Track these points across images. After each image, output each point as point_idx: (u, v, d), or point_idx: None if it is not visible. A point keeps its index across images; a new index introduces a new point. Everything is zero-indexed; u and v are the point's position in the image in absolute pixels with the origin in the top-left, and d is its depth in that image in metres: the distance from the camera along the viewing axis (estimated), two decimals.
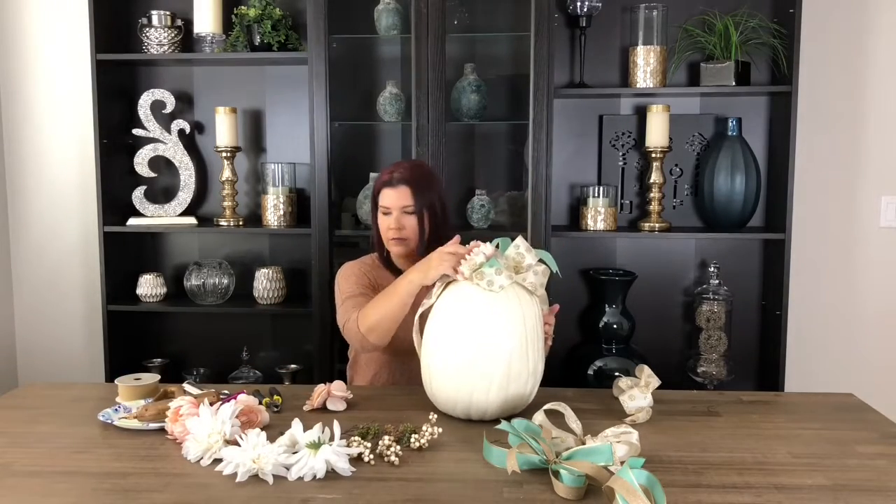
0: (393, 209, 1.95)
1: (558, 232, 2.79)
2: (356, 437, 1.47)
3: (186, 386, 1.77)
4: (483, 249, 1.64)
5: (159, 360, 2.97)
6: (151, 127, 2.92)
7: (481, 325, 1.58)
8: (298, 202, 2.94)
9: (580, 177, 2.96)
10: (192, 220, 2.94)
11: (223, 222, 2.88)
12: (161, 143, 2.94)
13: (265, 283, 2.88)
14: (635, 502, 1.15)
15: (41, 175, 3.12)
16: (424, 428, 1.51)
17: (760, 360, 2.94)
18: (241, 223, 2.89)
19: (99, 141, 2.80)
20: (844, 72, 2.89)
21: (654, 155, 2.74)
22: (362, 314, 1.86)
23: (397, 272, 2.02)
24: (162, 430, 1.58)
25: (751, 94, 2.86)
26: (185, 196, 2.96)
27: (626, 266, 2.96)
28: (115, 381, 1.78)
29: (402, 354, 1.97)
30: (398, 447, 1.44)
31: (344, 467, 1.37)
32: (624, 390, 1.72)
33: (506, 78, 2.90)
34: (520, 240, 1.68)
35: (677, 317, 2.98)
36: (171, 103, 2.93)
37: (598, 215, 2.77)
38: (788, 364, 2.76)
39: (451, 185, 2.79)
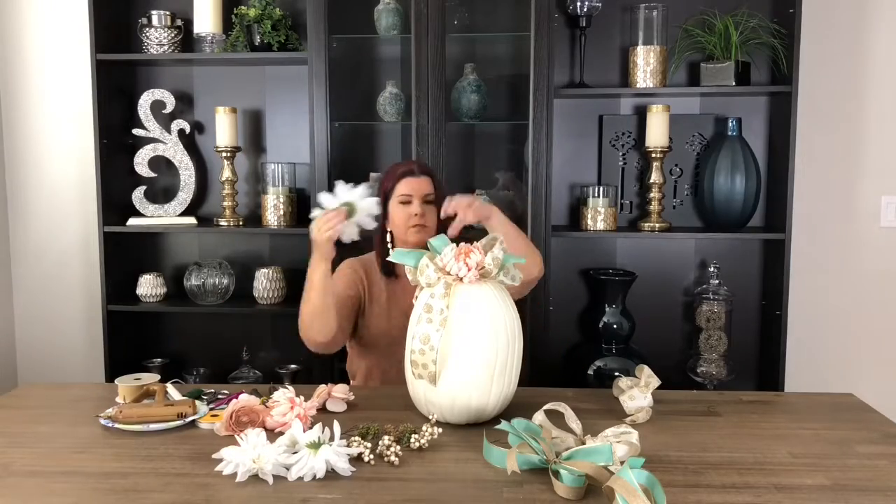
0: (414, 197, 2.01)
1: (558, 232, 2.79)
2: (356, 437, 1.47)
3: (169, 386, 1.75)
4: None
5: (159, 360, 2.97)
6: (151, 127, 2.92)
7: (468, 326, 1.55)
8: (298, 202, 2.93)
9: (580, 177, 2.96)
10: (192, 220, 2.94)
11: (223, 222, 2.88)
12: (161, 143, 2.94)
13: (265, 283, 2.89)
14: (635, 502, 1.15)
15: (41, 175, 3.12)
16: (424, 428, 1.51)
17: (760, 360, 2.94)
18: (241, 223, 2.89)
19: (99, 141, 2.80)
20: (844, 72, 2.89)
21: (654, 155, 2.74)
22: (300, 314, 1.91)
23: (391, 274, 2.06)
24: (161, 431, 1.58)
25: (751, 94, 2.86)
26: (185, 196, 2.96)
27: (625, 266, 2.96)
28: (115, 381, 1.78)
29: (392, 345, 1.98)
30: (398, 447, 1.44)
31: (344, 467, 1.37)
32: (624, 390, 1.72)
33: (506, 78, 2.90)
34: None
35: (677, 317, 2.98)
36: (171, 103, 2.93)
37: (598, 215, 2.77)
38: (788, 364, 2.76)
39: (451, 185, 2.78)
